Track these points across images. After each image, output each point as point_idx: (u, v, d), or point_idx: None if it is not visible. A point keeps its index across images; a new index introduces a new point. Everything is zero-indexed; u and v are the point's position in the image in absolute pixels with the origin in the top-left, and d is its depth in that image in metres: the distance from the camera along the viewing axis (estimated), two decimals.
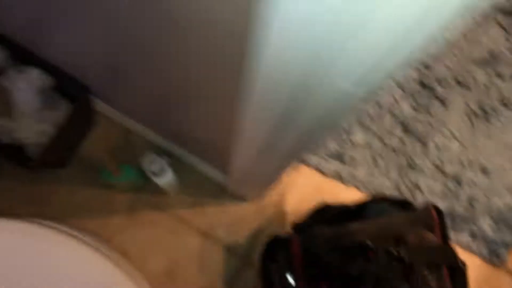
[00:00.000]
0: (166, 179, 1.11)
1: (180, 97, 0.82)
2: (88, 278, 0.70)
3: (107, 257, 0.75)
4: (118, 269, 0.74)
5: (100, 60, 0.89)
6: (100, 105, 1.21)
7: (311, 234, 1.03)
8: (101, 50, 0.82)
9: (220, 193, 1.23)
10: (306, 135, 0.62)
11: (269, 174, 1.03)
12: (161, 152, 1.18)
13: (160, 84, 0.81)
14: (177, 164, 1.21)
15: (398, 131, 1.31)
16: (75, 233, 0.78)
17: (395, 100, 1.34)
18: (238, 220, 1.21)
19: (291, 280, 1.06)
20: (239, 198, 1.23)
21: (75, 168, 1.22)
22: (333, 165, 1.27)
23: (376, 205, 1.09)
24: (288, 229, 1.22)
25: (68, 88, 1.11)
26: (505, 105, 1.37)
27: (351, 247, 0.93)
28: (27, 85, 1.06)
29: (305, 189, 1.26)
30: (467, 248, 1.24)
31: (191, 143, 1.09)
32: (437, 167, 1.30)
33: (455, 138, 1.33)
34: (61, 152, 1.13)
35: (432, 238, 0.79)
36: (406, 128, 1.32)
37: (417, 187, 1.29)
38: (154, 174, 1.09)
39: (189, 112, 0.87)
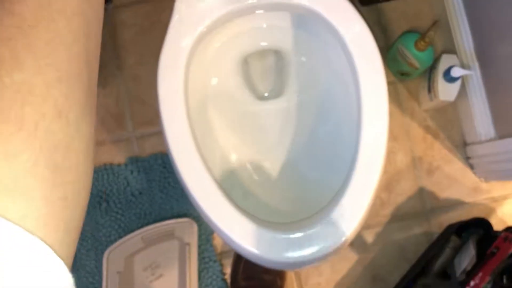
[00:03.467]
0: (449, 90, 1.01)
1: None
2: None
3: None
4: None
5: None
6: None
7: None
8: None
9: (459, 145, 1.11)
10: None
11: None
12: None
13: None
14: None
15: None
16: None
17: None
18: (453, 179, 1.10)
19: (460, 270, 0.96)
20: (469, 164, 1.11)
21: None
22: None
23: None
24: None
25: None
26: None
27: None
28: None
29: None
30: None
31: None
32: None
33: None
34: None
35: None
36: None
37: None
38: (448, 78, 0.98)
39: None
